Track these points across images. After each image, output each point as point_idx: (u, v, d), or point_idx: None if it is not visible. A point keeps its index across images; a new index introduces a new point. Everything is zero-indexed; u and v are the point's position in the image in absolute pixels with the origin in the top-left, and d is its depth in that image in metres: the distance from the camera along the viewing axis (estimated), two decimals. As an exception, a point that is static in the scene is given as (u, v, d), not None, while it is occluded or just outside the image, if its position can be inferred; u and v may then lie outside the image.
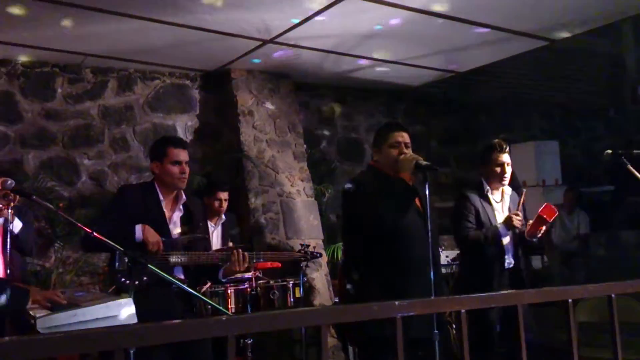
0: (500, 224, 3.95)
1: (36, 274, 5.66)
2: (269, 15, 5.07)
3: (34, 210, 5.17)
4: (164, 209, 3.32)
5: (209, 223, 5.07)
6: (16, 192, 3.38)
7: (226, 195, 5.10)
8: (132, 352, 1.43)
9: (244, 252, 3.38)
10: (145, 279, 3.11)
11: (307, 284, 5.82)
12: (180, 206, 3.38)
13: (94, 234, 2.77)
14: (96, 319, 2.40)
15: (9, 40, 5.44)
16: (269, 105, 6.74)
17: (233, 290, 4.42)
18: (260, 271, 4.61)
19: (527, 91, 8.48)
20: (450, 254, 5.72)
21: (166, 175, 3.30)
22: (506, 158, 4.04)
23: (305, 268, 4.66)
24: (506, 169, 4.02)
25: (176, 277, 3.13)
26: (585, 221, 7.80)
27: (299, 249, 4.50)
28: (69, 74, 6.22)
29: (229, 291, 4.39)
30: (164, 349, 3.03)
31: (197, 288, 3.70)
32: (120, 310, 2.46)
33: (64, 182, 6.09)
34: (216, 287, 4.29)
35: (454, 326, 5.03)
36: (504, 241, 3.98)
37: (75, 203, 6.07)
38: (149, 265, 2.83)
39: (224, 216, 5.19)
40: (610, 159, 3.88)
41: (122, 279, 3.10)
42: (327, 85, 7.50)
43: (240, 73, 6.63)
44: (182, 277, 3.24)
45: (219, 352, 3.36)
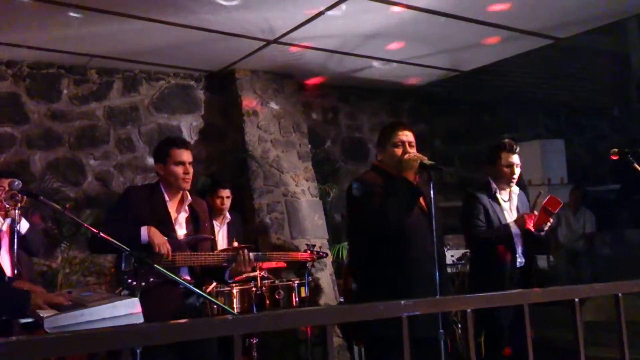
0: (512, 222, 3.93)
1: (43, 274, 5.69)
2: (272, 15, 5.08)
3: (40, 211, 5.20)
4: (170, 210, 3.33)
5: (215, 222, 5.10)
6: (23, 192, 3.41)
7: (228, 193, 5.14)
8: (138, 351, 1.44)
9: (249, 252, 3.38)
10: (151, 280, 3.12)
11: (313, 284, 5.83)
12: (186, 207, 3.39)
13: (101, 234, 2.78)
14: (103, 319, 2.41)
15: (14, 41, 5.46)
16: (274, 105, 6.75)
17: (238, 290, 4.43)
18: (266, 271, 4.63)
19: (532, 90, 8.46)
20: (455, 254, 5.71)
21: (170, 176, 3.30)
22: (516, 159, 3.99)
23: (311, 268, 4.67)
24: (515, 170, 3.97)
25: (182, 278, 3.13)
26: (590, 220, 7.79)
27: (304, 249, 4.51)
28: (75, 75, 6.25)
29: (234, 291, 4.40)
30: (169, 349, 3.04)
31: (203, 288, 3.71)
32: (127, 310, 2.47)
33: (70, 182, 6.12)
34: (221, 287, 4.31)
35: (459, 326, 5.04)
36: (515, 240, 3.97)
37: (82, 203, 6.10)
38: (155, 266, 2.84)
39: (229, 215, 5.21)
40: (615, 158, 3.87)
41: (128, 280, 3.12)
42: (332, 84, 7.51)
43: (245, 73, 6.65)
44: (188, 278, 3.25)
45: (225, 352, 3.37)
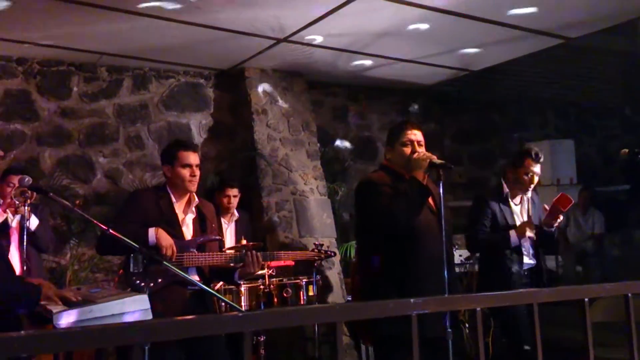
0: (513, 231, 3.95)
1: (52, 270, 5.72)
2: (282, 13, 5.08)
3: (50, 208, 5.23)
4: (177, 212, 3.35)
5: (222, 220, 5.12)
6: (33, 189, 3.43)
7: (235, 192, 5.18)
8: (146, 348, 1.44)
9: (257, 252, 3.39)
10: (159, 280, 3.14)
11: (320, 282, 5.83)
12: (193, 208, 3.41)
13: (110, 230, 2.79)
14: (112, 315, 2.42)
15: (25, 39, 5.49)
16: (283, 103, 6.75)
17: (246, 288, 4.44)
18: (274, 269, 4.63)
19: (541, 89, 8.42)
20: (463, 253, 5.69)
21: (177, 178, 3.32)
22: (538, 169, 4.01)
23: (319, 266, 4.67)
24: (534, 179, 4.01)
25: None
26: (600, 221, 7.75)
27: (312, 248, 4.51)
28: (85, 72, 6.28)
29: (242, 289, 4.41)
30: (177, 346, 3.05)
31: (211, 285, 3.72)
32: (135, 307, 2.48)
33: (79, 179, 6.15)
34: (229, 285, 4.31)
35: (466, 325, 5.03)
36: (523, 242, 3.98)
37: (91, 200, 6.13)
38: (164, 263, 2.85)
39: (236, 213, 5.23)
40: (626, 158, 3.86)
41: (136, 281, 3.13)
42: (341, 83, 7.50)
43: (254, 72, 6.65)
44: (197, 278, 3.26)
45: (234, 349, 3.38)
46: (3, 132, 5.85)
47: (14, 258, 4.37)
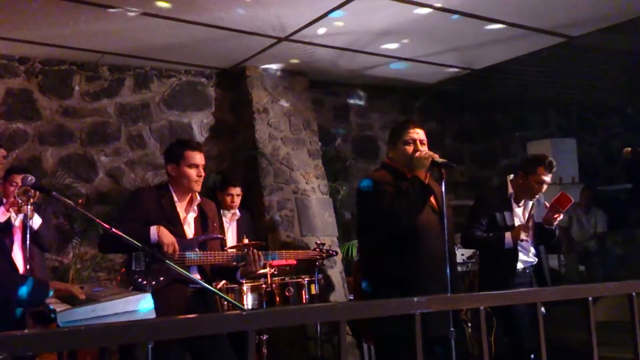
0: (508, 233, 3.96)
1: (54, 269, 5.73)
2: (283, 12, 5.08)
3: (52, 207, 5.23)
4: (179, 210, 3.35)
5: (224, 219, 5.13)
6: (36, 188, 3.43)
7: (238, 191, 5.20)
8: (150, 346, 1.44)
9: (258, 251, 3.39)
10: (162, 279, 3.14)
11: (322, 281, 5.83)
12: (195, 207, 3.41)
13: (113, 229, 2.80)
14: (115, 314, 2.42)
15: (27, 38, 5.49)
16: (284, 102, 6.75)
17: (248, 287, 4.44)
18: (276, 268, 4.63)
19: (543, 88, 8.41)
20: (465, 252, 5.69)
21: (183, 177, 3.32)
22: (548, 179, 4.00)
23: (321, 265, 4.67)
24: (543, 188, 4.00)
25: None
26: (602, 219, 7.74)
27: (314, 247, 4.52)
28: (86, 71, 6.28)
29: (244, 287, 4.41)
30: (181, 345, 3.06)
31: (214, 284, 3.72)
32: (138, 305, 2.48)
33: (81, 178, 6.15)
34: (231, 284, 4.32)
35: (469, 325, 5.02)
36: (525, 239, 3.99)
37: (93, 199, 6.14)
38: (166, 261, 2.86)
39: (238, 212, 5.24)
40: (628, 157, 3.85)
41: (139, 279, 3.13)
42: (342, 82, 7.50)
43: (256, 71, 6.65)
44: (199, 277, 3.26)
45: (238, 348, 3.38)
46: (5, 132, 5.85)
47: (17, 257, 4.38)
